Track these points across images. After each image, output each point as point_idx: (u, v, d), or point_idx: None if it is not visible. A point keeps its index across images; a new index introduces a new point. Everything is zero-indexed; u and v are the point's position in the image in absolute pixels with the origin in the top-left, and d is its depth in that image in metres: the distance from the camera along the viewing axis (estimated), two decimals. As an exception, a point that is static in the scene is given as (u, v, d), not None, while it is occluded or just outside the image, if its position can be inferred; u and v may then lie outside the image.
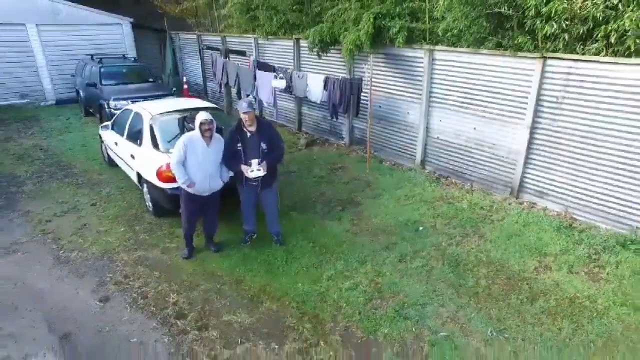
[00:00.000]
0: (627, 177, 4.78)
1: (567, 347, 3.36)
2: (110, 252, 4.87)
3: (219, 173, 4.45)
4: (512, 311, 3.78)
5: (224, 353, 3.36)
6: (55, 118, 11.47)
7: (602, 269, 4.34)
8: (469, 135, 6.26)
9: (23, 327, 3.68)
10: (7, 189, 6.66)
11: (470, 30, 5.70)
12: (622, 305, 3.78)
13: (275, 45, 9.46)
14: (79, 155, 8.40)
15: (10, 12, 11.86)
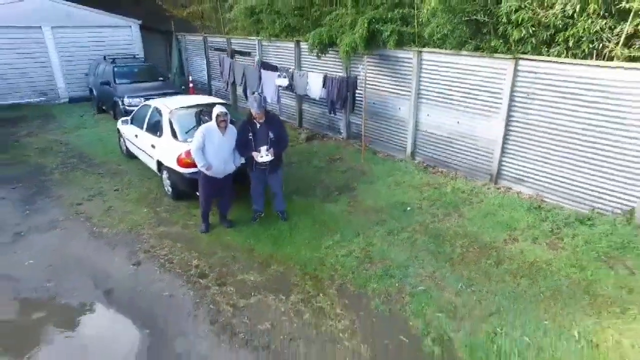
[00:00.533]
0: (588, 164, 5.52)
1: (522, 297, 4.11)
2: (136, 228, 5.61)
3: (232, 158, 5.20)
4: (480, 272, 4.53)
5: (240, 302, 4.11)
6: (70, 115, 12.19)
7: (561, 240, 5.08)
8: (453, 129, 7.01)
9: (75, 284, 4.43)
10: (38, 178, 7.40)
11: (453, 34, 6.45)
12: (572, 267, 4.52)
13: (277, 46, 10.20)
14: (97, 148, 9.13)
15: (28, 16, 12.61)
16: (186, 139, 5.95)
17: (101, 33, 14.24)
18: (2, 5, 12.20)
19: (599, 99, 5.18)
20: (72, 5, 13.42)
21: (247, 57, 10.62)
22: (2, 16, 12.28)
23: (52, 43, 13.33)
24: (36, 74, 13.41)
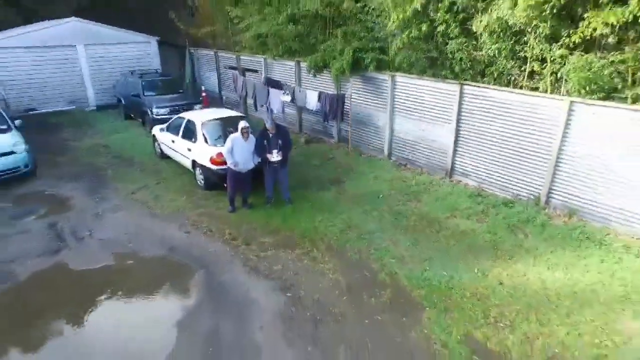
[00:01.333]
0: (511, 163, 7.62)
1: (449, 251, 6.21)
2: (181, 209, 7.72)
3: (252, 158, 7.30)
4: (424, 236, 6.64)
5: (261, 254, 6.21)
6: (102, 121, 14.27)
7: (487, 216, 7.18)
8: (418, 135, 9.11)
9: (147, 245, 6.54)
10: (95, 174, 9.50)
11: (417, 64, 8.56)
12: (487, 233, 6.63)
13: (281, 64, 12.30)
14: (133, 150, 11.21)
15: (65, 37, 14.71)
16: (215, 144, 8.05)
17: (125, 48, 16.35)
18: (46, 29, 14.29)
19: (515, 115, 7.28)
20: (101, 26, 15.54)
21: (255, 74, 12.71)
22: (45, 38, 14.39)
23: (84, 58, 15.43)
24: (69, 85, 15.49)
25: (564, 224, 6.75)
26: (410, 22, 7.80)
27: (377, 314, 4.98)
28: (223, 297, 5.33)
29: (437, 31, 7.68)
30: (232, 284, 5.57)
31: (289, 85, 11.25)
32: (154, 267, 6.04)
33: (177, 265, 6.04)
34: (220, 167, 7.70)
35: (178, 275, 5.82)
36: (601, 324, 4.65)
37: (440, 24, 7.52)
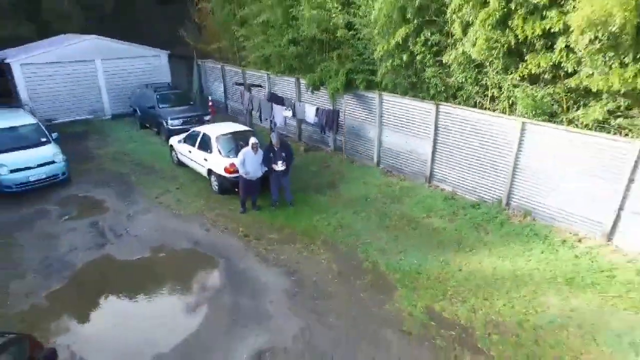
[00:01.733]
0: (479, 171, 9.09)
1: (422, 245, 7.68)
2: (200, 211, 9.19)
3: (260, 168, 8.77)
4: (403, 233, 8.11)
5: (269, 247, 7.69)
6: (119, 130, 15.71)
7: (456, 216, 8.65)
8: (403, 146, 10.58)
9: (175, 240, 8.01)
10: (122, 180, 10.97)
11: (399, 86, 10.03)
12: (454, 230, 8.11)
13: (282, 80, 13.75)
14: (152, 158, 12.66)
15: (86, 53, 16.17)
16: (228, 155, 9.51)
17: (138, 62, 17.81)
18: (68, 46, 15.76)
19: (481, 131, 8.75)
20: (116, 42, 17.01)
21: (260, 88, 14.17)
22: (67, 54, 15.85)
23: (102, 71, 16.89)
24: (88, 96, 16.93)
25: (519, 223, 8.22)
26: (393, 52, 9.27)
27: (360, 292, 6.46)
28: (241, 280, 6.81)
29: (416, 60, 9.16)
30: (247, 270, 7.05)
31: (290, 100, 12.72)
32: (183, 257, 7.52)
33: (202, 256, 7.52)
34: (233, 175, 9.17)
35: (204, 264, 7.30)
36: (530, 298, 6.13)
37: (418, 54, 9.00)
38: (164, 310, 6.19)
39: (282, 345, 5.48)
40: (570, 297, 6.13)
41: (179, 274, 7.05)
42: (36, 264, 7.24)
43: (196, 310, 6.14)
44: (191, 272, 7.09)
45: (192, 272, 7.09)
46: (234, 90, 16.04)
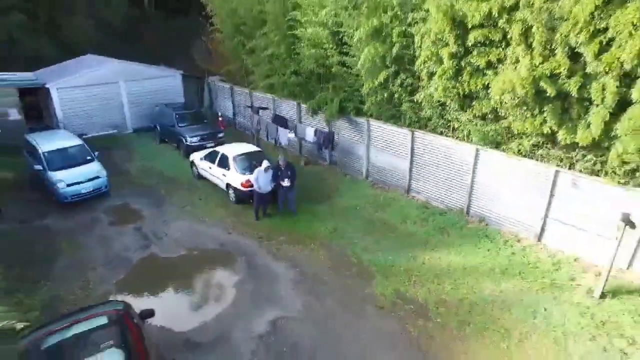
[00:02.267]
0: (446, 184, 11.41)
1: (398, 245, 9.99)
2: (221, 218, 11.49)
3: (270, 183, 11.08)
4: (383, 236, 10.43)
5: (279, 247, 10.00)
6: (141, 145, 17.97)
7: (427, 222, 10.97)
8: (387, 163, 12.88)
9: (204, 241, 10.32)
10: (152, 191, 13.25)
11: (383, 115, 12.34)
12: (424, 234, 10.42)
13: (286, 103, 16.05)
14: (174, 171, 14.93)
15: (111, 76, 18.47)
16: (243, 172, 11.81)
17: (155, 81, 20.07)
18: (96, 70, 18.08)
19: (446, 153, 11.06)
20: (137, 65, 19.34)
21: (266, 110, 16.46)
22: (95, 77, 18.15)
23: (124, 91, 19.18)
24: (112, 113, 19.19)
25: (475, 227, 10.54)
26: (377, 89, 11.59)
27: (347, 280, 8.78)
28: (258, 271, 9.12)
29: (395, 97, 11.49)
30: (262, 264, 9.36)
31: (292, 121, 15.05)
32: (212, 255, 9.83)
33: (227, 254, 9.83)
34: (247, 189, 11.48)
35: (229, 259, 9.61)
36: (472, 284, 8.45)
37: (396, 93, 11.33)
38: (204, 292, 8.50)
39: (290, 315, 7.80)
40: (502, 282, 8.46)
41: (211, 267, 9.36)
42: (102, 260, 9.55)
43: (227, 292, 8.45)
44: (220, 265, 9.41)
45: (221, 266, 9.39)
46: (243, 108, 18.35)
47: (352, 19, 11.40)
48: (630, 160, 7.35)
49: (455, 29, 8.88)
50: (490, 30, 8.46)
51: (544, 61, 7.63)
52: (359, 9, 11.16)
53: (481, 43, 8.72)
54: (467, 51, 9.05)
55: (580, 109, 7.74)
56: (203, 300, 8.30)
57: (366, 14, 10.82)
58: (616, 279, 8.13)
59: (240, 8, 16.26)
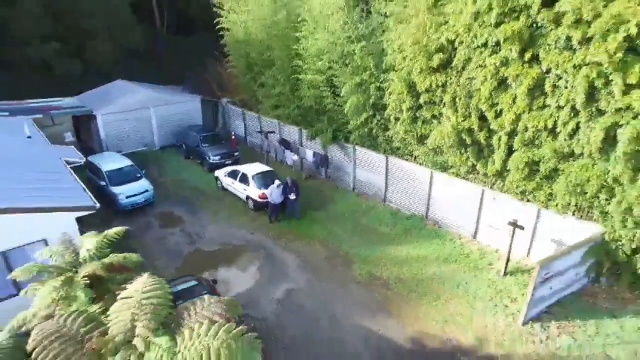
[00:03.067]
0: (412, 195, 15.45)
1: (373, 242, 14.05)
2: (244, 222, 15.52)
3: (280, 196, 15.12)
4: (364, 236, 14.46)
5: (287, 244, 14.04)
6: (169, 161, 21.94)
7: (396, 225, 15.02)
8: (368, 178, 16.94)
9: (234, 239, 14.34)
10: (187, 201, 17.25)
11: (365, 143, 16.39)
12: (393, 234, 14.48)
13: (290, 128, 20.07)
14: (202, 184, 18.93)
15: (143, 102, 22.48)
16: (260, 187, 15.84)
17: (178, 105, 24.07)
18: (131, 98, 22.11)
19: (411, 173, 15.11)
20: (164, 92, 23.40)
21: (273, 134, 20.49)
22: (131, 104, 22.15)
23: (153, 114, 23.17)
24: (144, 133, 23.18)
25: (430, 228, 14.59)
26: (360, 126, 15.63)
27: (336, 265, 12.83)
28: (273, 259, 13.14)
29: (373, 132, 15.54)
30: (276, 255, 13.39)
31: (295, 143, 19.11)
32: (240, 249, 13.84)
33: (251, 247, 13.85)
34: (263, 200, 15.50)
35: (252, 252, 13.62)
36: (422, 267, 12.51)
37: (374, 129, 15.38)
38: (237, 273, 12.52)
39: (297, 288, 11.83)
40: (442, 266, 12.51)
41: (241, 257, 13.37)
42: (162, 253, 13.55)
43: (253, 272, 12.48)
44: (247, 256, 13.42)
45: (247, 256, 13.41)
46: (254, 130, 22.39)
47: (342, 73, 15.40)
48: (519, 185, 11.42)
49: (410, 91, 12.96)
50: (433, 94, 12.53)
51: (464, 120, 11.70)
52: (347, 66, 15.18)
53: (428, 102, 12.78)
54: (419, 106, 13.12)
55: (488, 151, 11.82)
56: (236, 278, 12.32)
57: (351, 72, 14.87)
58: (518, 263, 12.20)
59: (252, 52, 20.28)
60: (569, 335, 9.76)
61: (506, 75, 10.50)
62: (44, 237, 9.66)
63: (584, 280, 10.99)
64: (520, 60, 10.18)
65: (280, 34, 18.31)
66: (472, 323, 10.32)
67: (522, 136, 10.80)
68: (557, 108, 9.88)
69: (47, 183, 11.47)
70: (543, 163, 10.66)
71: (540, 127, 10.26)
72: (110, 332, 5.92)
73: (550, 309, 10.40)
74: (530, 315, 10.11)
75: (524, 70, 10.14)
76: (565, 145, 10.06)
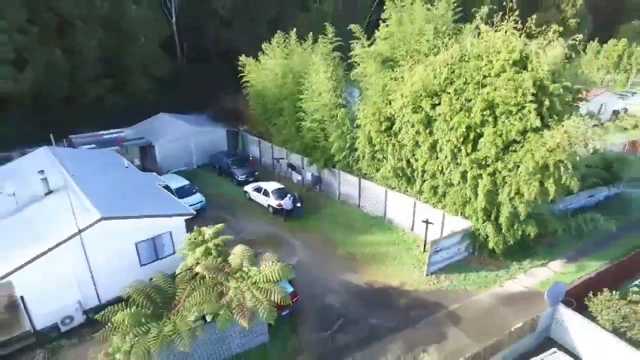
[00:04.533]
0: (376, 204, 24.47)
1: (351, 233, 23.05)
2: (267, 221, 24.47)
3: (291, 204, 24.09)
4: (346, 229, 23.44)
5: (296, 234, 23.02)
6: (206, 177, 30.78)
7: (365, 223, 24.03)
8: (347, 192, 25.91)
9: (262, 231, 23.30)
10: (227, 207, 26.14)
11: (346, 169, 25.39)
12: (364, 228, 23.48)
13: (294, 155, 29.00)
14: (234, 195, 27.82)
15: (186, 134, 31.35)
16: (277, 199, 24.79)
17: (210, 133, 32.99)
18: (176, 132, 31.00)
19: (373, 190, 24.09)
20: (202, 127, 32.31)
21: (283, 159, 29.42)
22: (176, 135, 31.01)
23: (193, 142, 32.04)
24: (186, 155, 32.01)
25: (386, 225, 23.61)
26: (342, 159, 24.59)
27: (327, 247, 21.81)
28: (287, 243, 22.07)
29: (350, 164, 24.53)
30: (289, 241, 22.33)
31: (299, 167, 28.10)
32: (267, 237, 22.74)
33: (274, 237, 22.76)
34: (279, 207, 24.47)
35: (276, 239, 22.53)
36: (377, 248, 21.53)
37: (350, 162, 24.37)
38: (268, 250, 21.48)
39: (303, 259, 20.79)
40: (389, 247, 21.54)
41: (269, 241, 22.28)
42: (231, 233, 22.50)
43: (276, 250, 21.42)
44: (272, 242, 22.33)
45: (272, 242, 22.31)
46: (266, 154, 31.31)
47: (330, 125, 24.33)
48: (429, 200, 20.46)
49: (369, 142, 21.93)
50: (381, 146, 21.50)
51: (398, 162, 20.68)
52: (333, 122, 24.13)
53: (379, 150, 21.76)
54: (375, 151, 22.04)
55: (412, 180, 20.89)
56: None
57: (336, 125, 23.83)
58: (433, 244, 21.25)
59: (268, 102, 29.24)
60: (449, 280, 18.82)
61: (418, 139, 19.50)
62: (169, 230, 18.44)
63: (464, 253, 20.07)
64: (424, 132, 19.15)
65: (288, 92, 27.27)
66: (399, 276, 19.32)
67: (428, 173, 19.84)
68: (442, 159, 18.89)
69: (160, 199, 20.33)
70: (439, 188, 19.71)
71: (436, 169, 19.28)
72: (232, 266, 14.84)
73: (442, 269, 19.44)
74: (430, 271, 19.13)
75: (426, 138, 19.13)
76: (448, 179, 19.10)
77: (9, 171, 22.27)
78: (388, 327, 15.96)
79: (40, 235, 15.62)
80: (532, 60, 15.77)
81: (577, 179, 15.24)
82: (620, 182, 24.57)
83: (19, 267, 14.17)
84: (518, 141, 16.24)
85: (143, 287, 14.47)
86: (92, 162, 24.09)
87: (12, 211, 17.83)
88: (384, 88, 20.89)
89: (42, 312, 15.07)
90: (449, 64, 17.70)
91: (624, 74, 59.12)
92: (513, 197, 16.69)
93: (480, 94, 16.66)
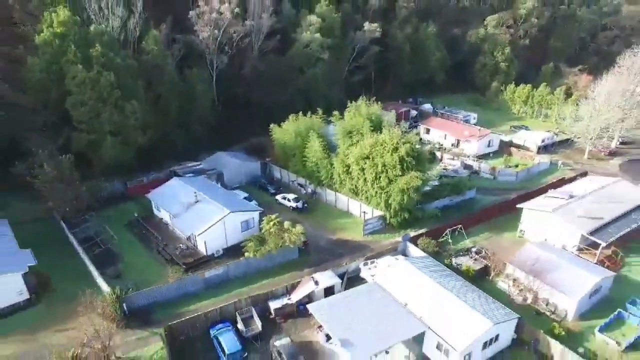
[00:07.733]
0: (344, 204, 50.83)
1: (338, 227, 49.49)
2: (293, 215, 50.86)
3: (303, 205, 50.50)
4: (328, 217, 49.96)
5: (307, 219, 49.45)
6: (252, 191, 56.99)
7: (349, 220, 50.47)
8: (330, 198, 52.34)
9: (289, 218, 49.80)
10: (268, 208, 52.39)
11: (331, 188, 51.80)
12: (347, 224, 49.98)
13: (301, 178, 55.33)
14: (270, 201, 54.16)
15: (239, 165, 57.77)
16: (295, 203, 51.23)
17: (250, 164, 59.44)
18: (233, 164, 57.50)
19: (344, 200, 50.49)
20: (247, 162, 58.82)
21: (295, 180, 55.83)
22: (233, 165, 57.47)
23: (242, 169, 58.31)
24: (237, 177, 58.22)
25: (348, 215, 50.17)
26: (327, 181, 51.03)
27: (320, 226, 48.34)
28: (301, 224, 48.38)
29: (333, 184, 51.00)
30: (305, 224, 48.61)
31: (304, 184, 54.63)
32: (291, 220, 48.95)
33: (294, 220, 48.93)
34: (296, 207, 50.90)
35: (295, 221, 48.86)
36: (344, 225, 48.13)
37: (333, 183, 50.88)
38: (292, 228, 47.87)
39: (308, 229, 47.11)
40: (349, 224, 48.15)
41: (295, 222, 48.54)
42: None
43: (297, 227, 47.82)
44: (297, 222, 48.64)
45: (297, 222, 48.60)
46: (286, 177, 57.76)
47: (322, 164, 50.75)
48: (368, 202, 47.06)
49: (339, 175, 48.44)
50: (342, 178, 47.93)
51: (351, 185, 47.13)
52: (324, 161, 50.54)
53: (344, 179, 48.30)
54: (342, 179, 48.48)
55: (361, 192, 47.43)
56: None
57: (324, 164, 50.32)
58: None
59: (286, 148, 55.69)
60: (372, 237, 45.55)
61: (358, 175, 46.02)
62: (253, 216, 44.74)
63: (380, 226, 46.80)
64: (361, 173, 45.66)
65: (297, 145, 53.72)
66: (352, 235, 46.01)
67: (363, 190, 46.50)
68: (369, 185, 45.41)
69: (244, 202, 46.77)
70: (369, 197, 46.38)
71: (366, 188, 45.92)
72: (284, 227, 41.32)
73: (370, 233, 46.06)
74: (364, 234, 45.86)
75: (361, 175, 45.82)
76: (371, 193, 45.78)
77: (171, 189, 48.70)
78: (344, 253, 42.55)
79: (205, 218, 41.94)
80: (399, 147, 42.43)
81: (419, 196, 42.14)
82: (463, 193, 51.38)
83: (204, 230, 40.53)
84: (394, 179, 42.83)
85: (254, 236, 40.93)
86: (201, 184, 50.21)
87: (184, 209, 44.14)
88: (345, 150, 47.44)
89: (211, 247, 41.35)
90: (370, 145, 44.27)
91: (531, 108, 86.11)
92: (394, 201, 43.32)
93: (381, 159, 43.25)
